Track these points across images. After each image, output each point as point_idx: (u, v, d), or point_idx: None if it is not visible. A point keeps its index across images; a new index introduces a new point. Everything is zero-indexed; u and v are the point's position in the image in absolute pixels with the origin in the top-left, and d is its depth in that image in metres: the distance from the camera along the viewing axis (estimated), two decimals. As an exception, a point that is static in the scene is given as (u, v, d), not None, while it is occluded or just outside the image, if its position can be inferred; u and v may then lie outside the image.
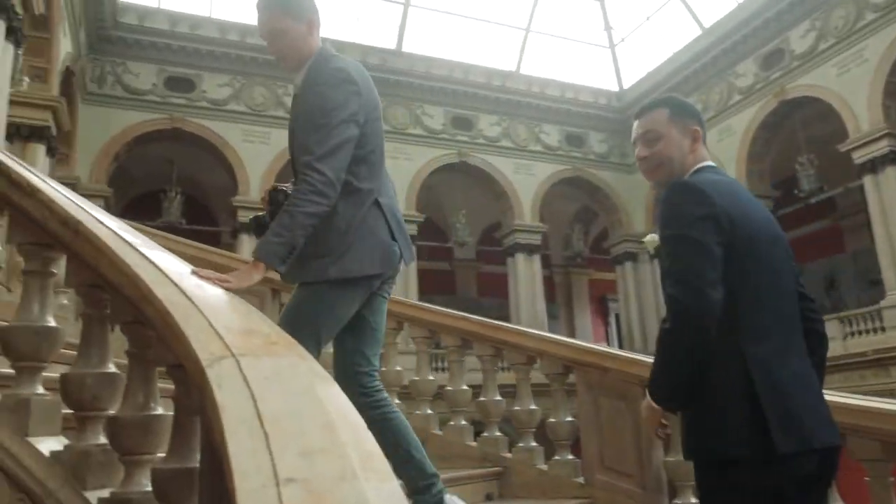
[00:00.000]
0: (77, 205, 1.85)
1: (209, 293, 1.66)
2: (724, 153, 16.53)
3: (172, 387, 1.55)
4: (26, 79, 9.67)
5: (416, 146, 17.33)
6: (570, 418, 3.47)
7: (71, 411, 1.81)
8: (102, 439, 1.74)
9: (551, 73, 19.44)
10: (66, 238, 1.79)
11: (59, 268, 1.96)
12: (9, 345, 1.85)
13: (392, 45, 17.69)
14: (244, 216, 14.70)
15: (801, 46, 15.21)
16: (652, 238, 1.97)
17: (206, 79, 15.44)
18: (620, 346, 21.05)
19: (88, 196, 13.87)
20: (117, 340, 1.81)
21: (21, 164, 1.92)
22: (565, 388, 3.45)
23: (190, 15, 15.74)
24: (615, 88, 20.17)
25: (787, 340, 1.70)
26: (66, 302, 3.83)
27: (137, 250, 1.68)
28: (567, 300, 22.25)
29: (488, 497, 3.28)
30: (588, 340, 21.74)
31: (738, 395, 1.60)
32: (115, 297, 1.69)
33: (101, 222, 1.79)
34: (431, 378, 3.97)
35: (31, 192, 1.83)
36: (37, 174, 1.93)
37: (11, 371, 1.88)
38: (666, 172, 1.86)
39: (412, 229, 16.87)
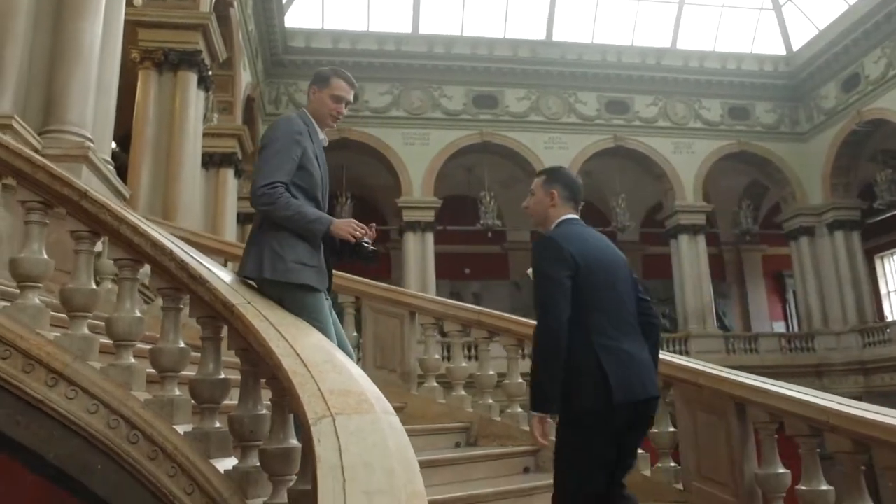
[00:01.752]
0: (232, 289, 2.52)
1: (322, 359, 2.24)
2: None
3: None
4: (216, 115, 11.14)
5: (571, 134, 17.47)
6: (671, 429, 3.77)
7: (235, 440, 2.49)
8: (257, 462, 2.40)
9: (710, 45, 18.68)
10: (226, 315, 2.47)
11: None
12: (194, 392, 2.57)
13: (542, 36, 17.90)
14: (408, 216, 16.00)
15: None
16: (530, 272, 2.69)
17: (367, 89, 16.61)
18: (798, 325, 19.92)
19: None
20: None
21: (198, 261, 2.63)
22: (666, 401, 3.76)
23: (350, 31, 16.98)
24: (783, 52, 18.96)
25: (623, 332, 2.54)
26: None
27: (274, 327, 2.31)
28: (739, 278, 21.35)
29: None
30: (763, 318, 20.81)
31: (592, 370, 2.43)
32: (259, 360, 2.34)
33: (250, 303, 2.45)
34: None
35: (202, 282, 2.53)
36: (206, 266, 2.63)
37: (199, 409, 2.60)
38: (536, 221, 2.86)
39: (570, 217, 17.06)
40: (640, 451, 3.88)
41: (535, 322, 2.54)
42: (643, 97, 18.05)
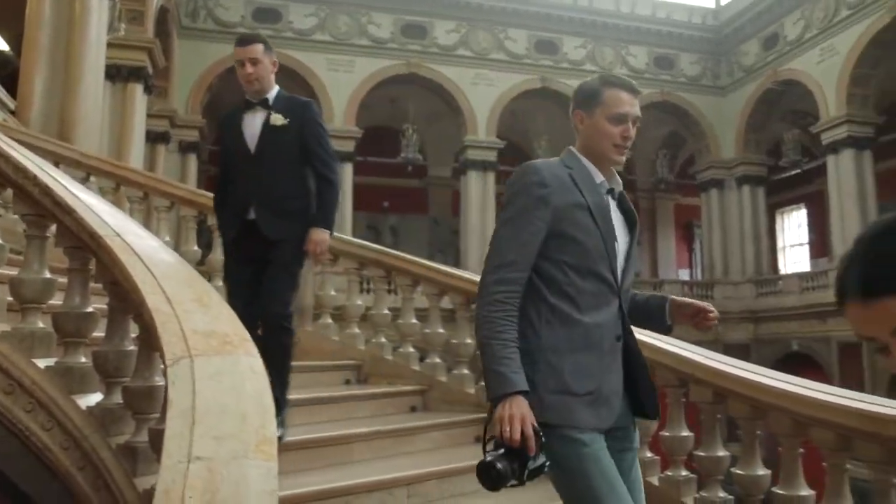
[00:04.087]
0: (101, 219, 2.41)
1: (189, 296, 2.18)
2: (824, 76, 15.69)
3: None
4: (123, 24, 10.44)
5: (499, 72, 17.34)
6: (469, 340, 4.14)
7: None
8: (120, 399, 2.35)
9: (642, -9, 18.74)
10: (92, 246, 2.36)
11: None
12: (57, 325, 2.47)
13: (475, -32, 17.48)
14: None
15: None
16: None
17: (291, 9, 15.93)
18: (702, 273, 20.86)
19: (183, 127, 14.75)
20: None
21: (66, 187, 2.48)
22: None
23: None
24: (712, 5, 19.22)
25: None
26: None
27: (142, 261, 2.22)
28: (651, 225, 22.05)
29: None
30: (670, 265, 21.67)
31: None
32: (126, 295, 2.25)
33: (118, 235, 2.34)
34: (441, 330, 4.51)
35: (68, 210, 2.39)
36: (75, 193, 2.49)
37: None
38: None
39: (491, 155, 17.15)
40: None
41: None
42: (573, 39, 18.02)
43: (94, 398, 2.45)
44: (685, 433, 3.22)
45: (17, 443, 2.35)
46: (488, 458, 1.64)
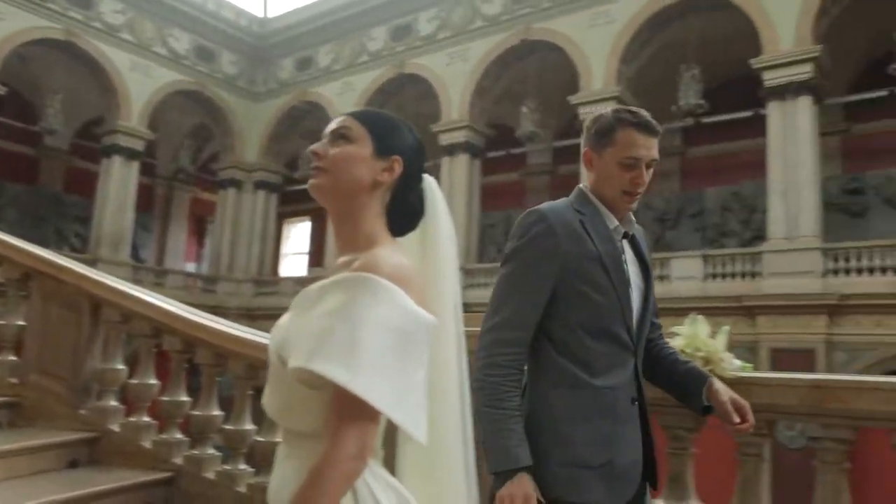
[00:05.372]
0: None
1: None
2: (344, 107, 17.67)
3: None
4: None
5: (13, 6, 15.02)
6: (20, 322, 3.63)
7: None
8: None
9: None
10: None
11: None
12: None
13: None
14: None
15: (426, 29, 16.85)
16: None
17: None
18: (210, 268, 21.20)
19: None
20: None
21: None
22: (21, 294, 3.61)
23: None
24: (260, 14, 19.98)
25: None
26: None
27: None
28: (165, 213, 21.58)
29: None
30: (178, 256, 21.48)
31: None
32: None
33: None
34: None
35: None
36: None
37: None
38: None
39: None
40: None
41: None
42: (111, 2, 16.72)
43: None
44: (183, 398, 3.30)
45: None
46: None
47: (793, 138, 11.48)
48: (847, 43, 12.13)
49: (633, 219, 1.77)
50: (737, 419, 1.66)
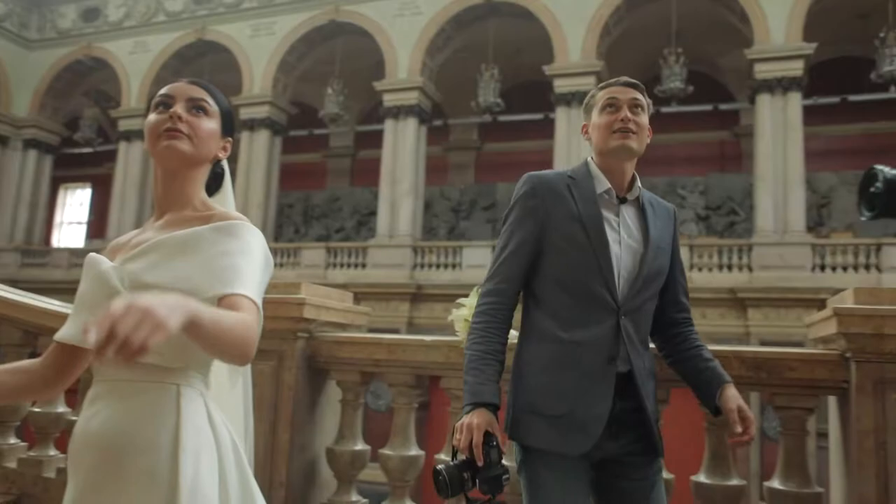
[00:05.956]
0: None
1: None
2: (132, 67, 16.43)
3: None
4: None
5: None
6: None
7: None
8: None
9: None
10: None
11: None
12: None
13: None
14: None
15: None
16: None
17: None
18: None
19: None
20: None
21: None
22: None
23: None
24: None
25: None
26: None
27: None
28: None
29: None
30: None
31: None
32: None
33: None
34: None
35: None
36: None
37: None
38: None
39: None
40: None
41: None
42: None
43: None
44: None
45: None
46: (438, 466, 1.60)
47: (576, 144, 12.58)
48: (625, 60, 13.49)
49: (641, 186, 1.85)
50: (739, 429, 1.71)
